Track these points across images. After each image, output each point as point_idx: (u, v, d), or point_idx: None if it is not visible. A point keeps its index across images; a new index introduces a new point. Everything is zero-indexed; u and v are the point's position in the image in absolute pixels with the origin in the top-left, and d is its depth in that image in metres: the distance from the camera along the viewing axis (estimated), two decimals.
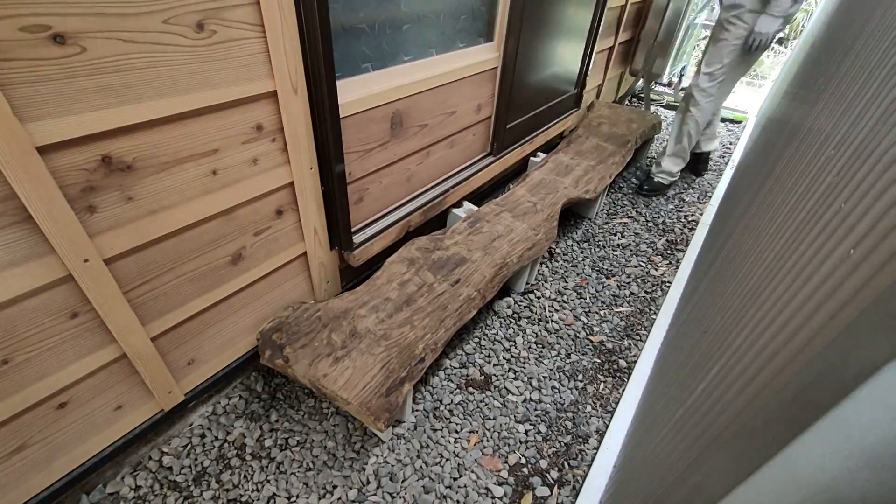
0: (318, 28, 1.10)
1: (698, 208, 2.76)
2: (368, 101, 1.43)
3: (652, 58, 3.54)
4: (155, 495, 1.22)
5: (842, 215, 0.56)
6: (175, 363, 1.23)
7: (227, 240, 1.20)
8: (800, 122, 1.32)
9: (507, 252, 1.74)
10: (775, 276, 0.72)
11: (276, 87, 1.11)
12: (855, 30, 1.19)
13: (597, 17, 2.62)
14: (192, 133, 1.01)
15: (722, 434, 0.57)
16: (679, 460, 0.70)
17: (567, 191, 2.19)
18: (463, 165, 2.15)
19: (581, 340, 1.81)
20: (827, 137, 0.87)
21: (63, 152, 0.84)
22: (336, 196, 1.40)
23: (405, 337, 1.37)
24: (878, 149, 0.55)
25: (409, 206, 1.83)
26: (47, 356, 0.96)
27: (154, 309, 1.11)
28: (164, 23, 0.88)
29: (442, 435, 1.42)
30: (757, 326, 0.67)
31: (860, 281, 0.41)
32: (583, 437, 1.47)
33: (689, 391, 0.86)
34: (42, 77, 0.77)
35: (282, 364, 1.27)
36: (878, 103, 0.66)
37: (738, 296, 0.89)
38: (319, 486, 1.27)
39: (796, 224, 0.76)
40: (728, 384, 0.65)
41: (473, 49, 1.85)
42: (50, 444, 1.05)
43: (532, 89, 2.34)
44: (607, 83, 3.54)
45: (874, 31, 0.95)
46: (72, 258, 0.90)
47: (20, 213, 0.82)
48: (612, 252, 2.33)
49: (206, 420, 1.39)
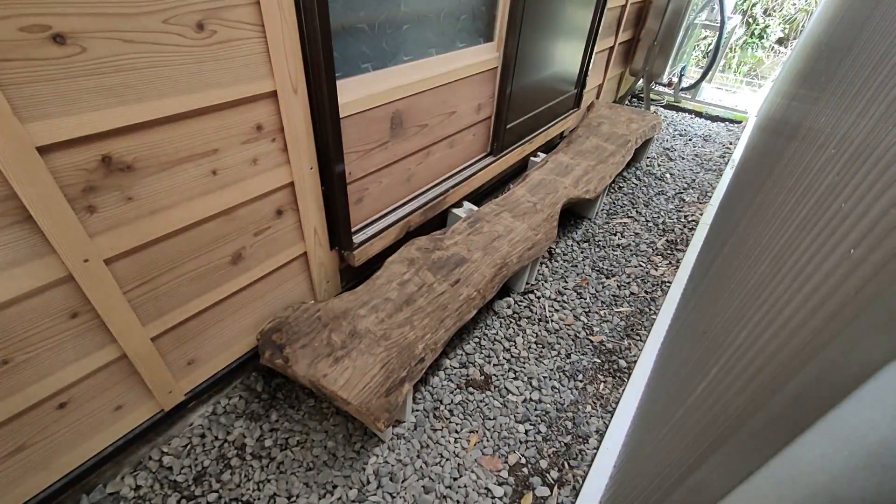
0: (318, 28, 1.10)
1: (698, 208, 2.76)
2: (368, 101, 1.43)
3: (652, 58, 3.54)
4: (155, 495, 1.22)
5: (842, 215, 0.56)
6: (175, 363, 1.23)
7: (227, 240, 1.20)
8: (800, 121, 1.32)
9: (507, 252, 1.74)
10: (775, 275, 0.72)
11: (276, 87, 1.12)
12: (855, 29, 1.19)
13: (597, 17, 2.62)
14: (192, 133, 1.01)
15: (722, 434, 0.57)
16: (679, 460, 0.70)
17: (567, 191, 2.19)
18: (463, 165, 2.15)
19: (581, 340, 1.80)
20: (827, 137, 0.87)
21: (63, 152, 0.84)
22: (336, 196, 1.40)
23: (405, 337, 1.37)
24: (879, 148, 0.55)
25: (409, 206, 1.83)
26: (47, 356, 0.96)
27: (154, 309, 1.11)
28: (164, 23, 0.88)
29: (442, 435, 1.42)
30: (757, 326, 0.67)
31: (860, 281, 0.41)
32: (583, 437, 1.46)
33: (690, 391, 0.86)
34: (42, 77, 0.77)
35: (282, 364, 1.27)
36: (878, 102, 0.66)
37: (739, 296, 0.89)
38: (320, 486, 1.27)
39: (796, 224, 0.76)
40: (728, 384, 0.65)
41: (473, 49, 1.85)
42: (50, 444, 1.05)
43: (532, 89, 2.34)
44: (607, 83, 3.54)
45: (874, 30, 0.94)
46: (72, 258, 0.90)
47: (20, 213, 0.82)
48: (612, 252, 2.33)
49: (207, 420, 1.39)
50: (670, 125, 3.96)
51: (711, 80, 5.02)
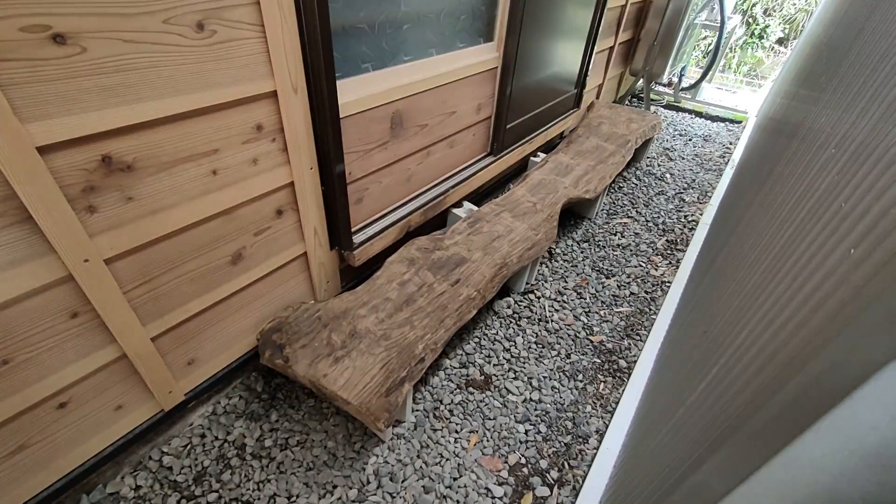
0: (318, 28, 1.10)
1: (698, 208, 2.76)
2: (368, 101, 1.43)
3: (652, 58, 3.54)
4: (155, 495, 1.22)
5: (842, 215, 0.56)
6: (175, 363, 1.23)
7: (227, 240, 1.20)
8: (800, 121, 1.32)
9: (507, 252, 1.74)
10: (775, 275, 0.72)
11: (276, 87, 1.12)
12: (855, 29, 1.19)
13: (597, 17, 2.62)
14: (193, 133, 1.01)
15: (722, 434, 0.57)
16: (679, 460, 0.70)
17: (567, 191, 2.19)
18: (463, 165, 2.15)
19: (581, 340, 1.80)
20: (827, 137, 0.87)
21: (63, 152, 0.84)
22: (336, 196, 1.40)
23: (405, 337, 1.37)
24: (879, 148, 0.55)
25: (409, 206, 1.83)
26: (47, 356, 0.96)
27: (154, 309, 1.11)
28: (164, 23, 0.88)
29: (442, 435, 1.42)
30: (757, 326, 0.67)
31: (860, 281, 0.41)
32: (583, 437, 1.46)
33: (690, 391, 0.86)
34: (42, 77, 0.77)
35: (282, 364, 1.27)
36: (878, 102, 0.66)
37: (739, 295, 0.89)
38: (320, 486, 1.27)
39: (796, 224, 0.76)
40: (728, 384, 0.65)
41: (473, 49, 1.85)
42: (50, 444, 1.05)
43: (532, 89, 2.34)
44: (607, 83, 3.54)
45: (874, 30, 0.94)
46: (72, 258, 0.90)
47: (20, 213, 0.82)
48: (612, 252, 2.33)
49: (207, 420, 1.39)
50: (670, 125, 3.96)
51: (711, 80, 5.02)
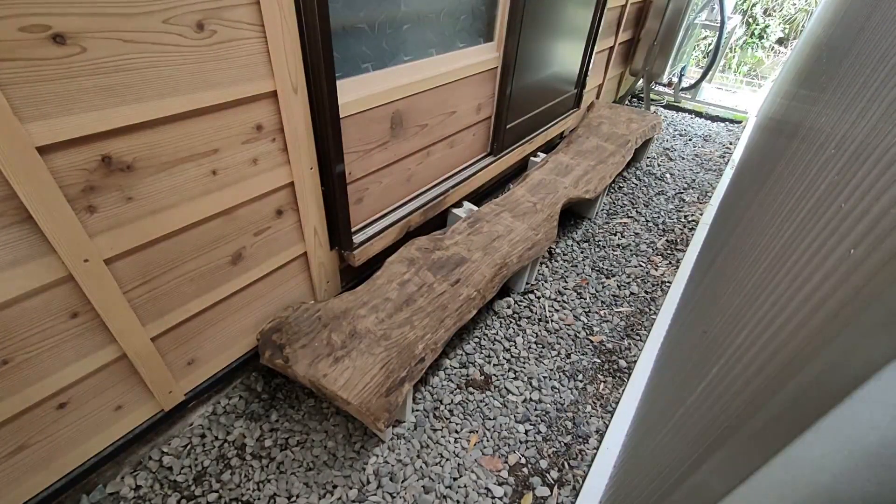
0: (318, 28, 1.10)
1: (698, 208, 2.76)
2: (368, 101, 1.43)
3: (652, 58, 3.54)
4: (155, 495, 1.22)
5: (842, 215, 0.56)
6: (175, 363, 1.23)
7: (227, 240, 1.20)
8: (800, 121, 1.32)
9: (507, 252, 1.74)
10: (775, 275, 0.72)
11: (276, 87, 1.11)
12: (855, 29, 1.19)
13: (597, 17, 2.62)
14: (193, 133, 1.01)
15: (722, 434, 0.57)
16: (679, 460, 0.70)
17: (567, 191, 2.19)
18: (463, 165, 2.15)
19: (581, 340, 1.80)
20: (827, 137, 0.87)
21: (63, 152, 0.84)
22: (336, 196, 1.40)
23: (405, 337, 1.37)
24: (879, 148, 0.55)
25: (409, 206, 1.83)
26: (47, 356, 0.96)
27: (154, 309, 1.11)
28: (164, 23, 0.88)
29: (442, 435, 1.42)
30: (757, 326, 0.67)
31: (860, 281, 0.41)
32: (583, 437, 1.46)
33: (690, 391, 0.86)
34: (42, 77, 0.77)
35: (282, 364, 1.27)
36: (878, 102, 0.66)
37: (739, 295, 0.89)
38: (320, 486, 1.27)
39: (796, 224, 0.76)
40: (728, 384, 0.65)
41: (473, 49, 1.85)
42: (50, 444, 1.05)
43: (532, 89, 2.33)
44: (607, 83, 3.54)
45: (874, 30, 0.94)
46: (72, 258, 0.90)
47: (20, 213, 0.82)
48: (612, 252, 2.33)
49: (207, 420, 1.39)
50: (670, 125, 3.96)
51: (711, 80, 5.02)
